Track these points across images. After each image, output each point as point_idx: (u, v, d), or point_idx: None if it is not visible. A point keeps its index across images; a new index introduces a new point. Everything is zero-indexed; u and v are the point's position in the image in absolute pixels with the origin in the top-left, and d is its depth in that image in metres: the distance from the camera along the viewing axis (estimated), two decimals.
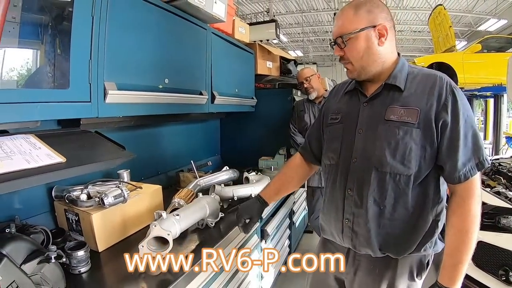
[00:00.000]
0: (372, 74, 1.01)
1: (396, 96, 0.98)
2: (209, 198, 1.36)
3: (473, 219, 0.91)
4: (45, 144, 0.92)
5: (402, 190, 0.96)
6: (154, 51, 1.37)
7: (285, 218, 2.41)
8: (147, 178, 1.83)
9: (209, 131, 2.64)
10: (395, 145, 0.94)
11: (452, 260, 0.93)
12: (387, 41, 0.97)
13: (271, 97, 2.58)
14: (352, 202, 1.02)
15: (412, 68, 1.02)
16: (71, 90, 1.01)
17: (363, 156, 1.00)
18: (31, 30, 1.00)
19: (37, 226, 0.99)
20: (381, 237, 0.99)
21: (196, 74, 1.71)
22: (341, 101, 1.14)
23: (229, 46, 2.10)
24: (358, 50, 0.97)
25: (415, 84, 0.98)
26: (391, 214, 0.98)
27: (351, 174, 1.02)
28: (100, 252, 1.15)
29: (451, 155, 0.91)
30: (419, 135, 0.93)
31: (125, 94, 1.20)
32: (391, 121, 0.96)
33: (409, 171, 0.94)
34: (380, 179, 0.97)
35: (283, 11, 8.18)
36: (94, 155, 0.94)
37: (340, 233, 1.07)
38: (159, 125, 1.94)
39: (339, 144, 1.07)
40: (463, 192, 0.93)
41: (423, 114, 0.93)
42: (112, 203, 1.16)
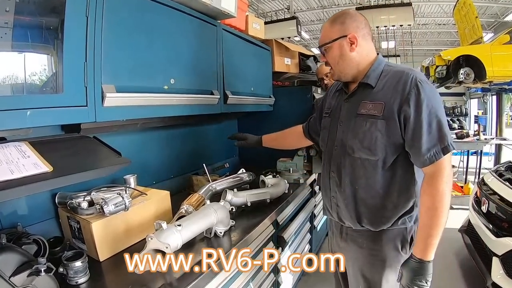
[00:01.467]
0: (350, 76, 1.19)
1: (368, 92, 1.14)
2: (217, 205, 1.27)
3: (442, 197, 1.02)
4: (35, 152, 0.87)
5: (371, 173, 1.13)
6: (158, 50, 1.30)
7: (305, 222, 2.28)
8: (159, 182, 1.78)
9: (226, 132, 2.54)
10: (363, 135, 1.11)
11: (424, 234, 1.05)
12: (358, 47, 1.13)
13: (289, 95, 2.45)
14: (335, 182, 1.23)
15: (388, 67, 1.15)
16: (65, 94, 0.96)
17: (341, 145, 1.20)
18: (25, 34, 0.96)
19: (32, 236, 0.96)
20: (358, 212, 1.18)
21: (206, 73, 1.62)
22: (332, 98, 1.35)
23: (243, 42, 2.00)
24: (334, 57, 1.17)
25: (385, 81, 1.11)
26: (363, 193, 1.15)
27: (333, 159, 1.24)
28: (101, 261, 1.11)
29: (414, 142, 1.04)
30: (383, 125, 1.07)
31: (126, 97, 1.14)
32: (361, 114, 1.13)
33: (375, 157, 1.10)
34: (352, 164, 1.16)
35: (304, 8, 7.97)
36: (86, 163, 0.89)
37: (330, 208, 1.29)
38: (171, 127, 1.88)
39: (327, 134, 1.30)
40: (432, 173, 1.04)
41: (387, 107, 1.07)
42: (113, 211, 1.11)
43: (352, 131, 1.15)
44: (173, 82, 1.37)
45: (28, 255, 0.88)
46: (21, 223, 1.13)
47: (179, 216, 1.29)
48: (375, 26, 5.91)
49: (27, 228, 1.14)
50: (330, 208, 1.29)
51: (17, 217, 1.13)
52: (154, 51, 1.28)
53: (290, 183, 2.10)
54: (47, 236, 1.15)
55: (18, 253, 0.85)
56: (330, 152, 1.26)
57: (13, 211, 1.12)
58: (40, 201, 1.19)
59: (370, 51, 1.18)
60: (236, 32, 1.91)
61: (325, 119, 1.34)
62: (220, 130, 2.47)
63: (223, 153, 2.53)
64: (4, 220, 1.09)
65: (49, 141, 0.98)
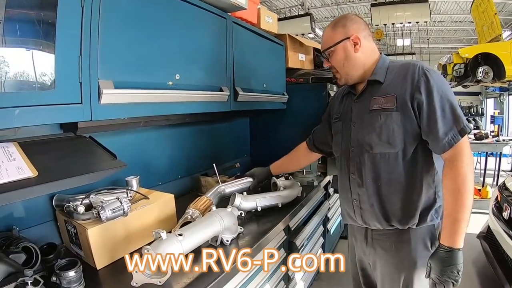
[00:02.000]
0: (357, 77, 1.20)
1: (378, 88, 1.15)
2: (223, 212, 1.18)
3: (464, 179, 1.00)
4: (23, 155, 0.80)
5: (393, 166, 1.12)
6: (162, 44, 1.21)
7: (319, 226, 2.16)
8: (165, 183, 1.71)
9: (237, 130, 2.46)
10: (379, 129, 1.11)
11: (450, 219, 1.01)
12: (362, 47, 1.15)
13: (304, 92, 2.32)
14: (356, 183, 1.20)
15: (393, 63, 1.18)
16: (56, 91, 0.88)
17: (357, 144, 1.19)
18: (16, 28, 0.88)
19: (22, 243, 0.89)
20: (384, 210, 1.15)
21: (214, 68, 1.52)
22: (340, 103, 1.35)
23: (255, 37, 1.89)
24: (339, 59, 1.18)
25: (393, 75, 1.13)
26: (387, 189, 1.13)
27: (351, 160, 1.22)
28: (99, 269, 1.03)
29: (431, 128, 1.04)
30: (398, 116, 1.08)
31: (125, 93, 1.06)
32: (375, 109, 1.13)
33: (395, 149, 1.10)
34: (372, 160, 1.15)
35: (318, 4, 7.75)
36: (75, 167, 0.81)
37: (353, 212, 1.25)
38: (179, 125, 1.80)
39: (340, 138, 1.29)
40: (452, 157, 1.03)
41: (399, 98, 1.08)
42: (110, 217, 1.03)
43: (368, 127, 1.14)
44: (178, 78, 1.28)
45: (15, 265, 0.82)
46: (18, 226, 1.07)
47: (183, 222, 1.20)
48: (391, 23, 5.74)
49: (24, 231, 1.09)
50: (353, 212, 1.24)
51: (14, 219, 1.07)
52: (157, 44, 1.19)
53: (304, 185, 1.99)
54: (44, 240, 1.10)
55: (4, 263, 0.79)
56: (347, 154, 1.24)
57: (9, 214, 1.06)
58: (38, 203, 1.13)
59: (374, 51, 1.20)
60: (248, 25, 1.80)
61: (336, 124, 1.33)
62: (231, 128, 2.38)
63: (234, 152, 2.44)
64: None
65: (41, 141, 0.91)
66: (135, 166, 1.51)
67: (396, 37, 9.65)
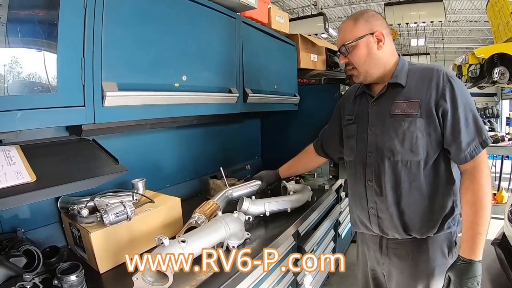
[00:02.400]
0: (376, 77, 1.12)
1: (399, 92, 1.09)
2: (229, 217, 1.14)
3: (485, 192, 0.99)
4: (23, 159, 0.79)
5: (414, 175, 1.07)
6: (168, 44, 1.18)
7: (329, 230, 2.10)
8: (173, 185, 1.69)
9: (248, 132, 2.43)
10: (403, 135, 1.06)
11: (471, 232, 0.98)
12: (385, 45, 1.09)
13: (315, 93, 2.26)
14: (373, 191, 1.15)
15: (412, 66, 1.13)
16: (58, 93, 0.87)
17: (376, 149, 1.13)
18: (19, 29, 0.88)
19: (24, 246, 0.88)
20: (403, 219, 1.11)
21: (223, 69, 1.49)
22: (353, 104, 1.27)
23: (265, 37, 1.85)
24: (360, 55, 1.10)
25: (415, 79, 1.08)
26: (407, 197, 1.09)
27: (368, 167, 1.15)
28: (101, 273, 1.02)
29: (455, 138, 1.01)
30: (422, 124, 1.04)
31: (129, 95, 1.04)
32: (397, 114, 1.08)
33: (418, 157, 1.06)
34: (393, 168, 1.09)
35: (331, 4, 7.62)
36: (75, 172, 0.79)
37: (368, 221, 1.19)
38: (187, 127, 1.78)
39: (355, 141, 1.21)
40: (472, 169, 1.02)
41: (424, 104, 1.04)
42: (113, 221, 1.02)
43: (389, 133, 1.09)
44: (185, 79, 1.25)
45: (15, 269, 0.81)
46: (24, 228, 1.07)
47: (188, 227, 1.17)
48: (405, 22, 5.61)
49: (30, 232, 1.09)
50: (369, 221, 1.19)
51: (19, 221, 1.07)
52: (163, 45, 1.16)
53: (314, 189, 1.93)
54: (49, 242, 1.10)
55: (4, 267, 0.78)
56: (363, 159, 1.17)
57: (15, 215, 1.07)
58: (43, 205, 1.13)
59: (394, 52, 1.15)
60: (258, 25, 1.76)
61: (350, 127, 1.25)
62: (241, 130, 2.34)
63: (245, 154, 2.41)
64: (5, 223, 1.04)
65: (43, 144, 0.90)
66: (142, 168, 1.51)
67: (410, 37, 9.44)
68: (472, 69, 4.97)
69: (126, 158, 1.41)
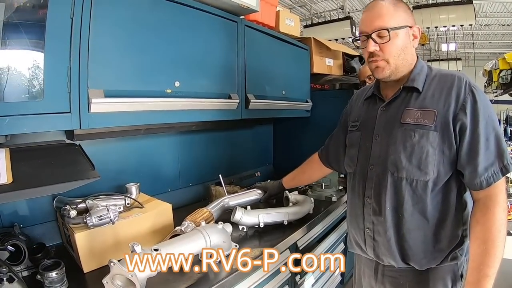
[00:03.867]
0: (401, 75, 0.99)
1: (414, 98, 0.97)
2: (212, 228, 1.12)
3: (499, 229, 0.85)
4: (8, 161, 0.85)
5: (420, 196, 0.94)
6: (159, 50, 1.19)
7: (338, 243, 1.99)
8: (174, 190, 1.71)
9: (259, 138, 2.39)
10: (411, 149, 0.93)
11: (477, 274, 0.85)
12: (415, 43, 0.98)
13: (329, 99, 2.17)
14: (371, 210, 1.02)
15: (431, 70, 1.00)
16: (45, 100, 0.91)
17: (379, 162, 1.00)
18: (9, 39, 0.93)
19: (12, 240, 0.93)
20: (402, 246, 0.98)
21: (221, 75, 1.48)
22: (361, 108, 1.14)
23: (272, 40, 1.81)
24: (398, 46, 0.95)
25: (433, 85, 0.96)
26: (410, 222, 0.96)
27: (368, 181, 1.03)
28: (85, 272, 1.05)
29: (471, 159, 0.88)
30: (436, 138, 0.91)
31: (116, 102, 1.06)
32: (407, 124, 0.95)
33: (426, 176, 0.92)
34: (396, 185, 0.96)
35: (359, 7, 7.33)
36: (49, 176, 0.82)
37: (363, 243, 1.07)
38: (191, 132, 1.79)
39: (357, 151, 1.09)
40: (487, 199, 0.88)
41: (440, 116, 0.91)
42: (96, 224, 1.04)
43: (395, 144, 0.96)
44: (178, 85, 1.26)
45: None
46: (23, 224, 1.14)
47: (172, 235, 1.17)
48: (434, 26, 5.29)
49: (28, 228, 1.16)
50: (364, 242, 1.08)
51: (18, 217, 1.14)
52: (154, 52, 1.18)
53: (322, 200, 1.86)
54: (46, 239, 1.18)
55: None
56: (363, 172, 1.05)
57: (14, 211, 1.14)
58: (42, 203, 1.19)
59: (414, 53, 1.02)
60: (263, 29, 1.72)
61: (353, 134, 1.13)
62: (251, 136, 2.32)
63: (255, 160, 2.37)
64: (4, 219, 1.11)
65: (32, 148, 0.95)
66: (141, 172, 1.54)
67: (440, 41, 8.93)
68: (503, 74, 4.69)
69: (124, 162, 1.47)
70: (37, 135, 1.12)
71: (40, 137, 1.12)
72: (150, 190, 1.49)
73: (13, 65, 0.89)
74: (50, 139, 1.14)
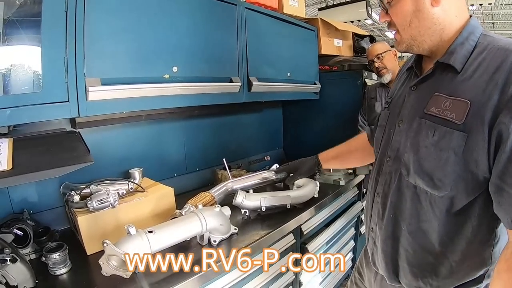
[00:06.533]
0: (428, 46, 0.76)
1: (448, 80, 0.71)
2: (208, 211, 1.14)
3: None
4: (10, 150, 0.89)
5: (428, 213, 0.74)
6: (155, 36, 1.20)
7: (348, 228, 1.97)
8: (181, 175, 1.75)
9: (268, 122, 2.37)
10: (426, 152, 0.71)
11: None
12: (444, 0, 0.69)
13: (337, 81, 2.10)
14: (377, 210, 0.87)
15: (487, 39, 0.70)
16: (43, 91, 0.95)
17: (395, 156, 0.81)
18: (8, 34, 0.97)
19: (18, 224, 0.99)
20: (396, 262, 0.84)
21: (222, 58, 1.47)
22: (399, 81, 0.93)
23: (276, 22, 1.76)
24: (404, 13, 0.74)
25: (478, 63, 0.67)
26: (411, 240, 0.78)
27: (382, 175, 0.86)
28: (89, 254, 1.11)
29: (506, 184, 0.61)
30: (463, 141, 0.65)
31: (113, 89, 1.09)
32: (430, 115, 0.72)
33: (440, 191, 0.70)
34: (403, 191, 0.78)
35: None
36: (46, 162, 0.86)
37: (367, 241, 0.97)
38: (197, 117, 1.80)
39: (381, 135, 0.90)
40: None
41: (474, 109, 0.64)
42: (97, 207, 1.09)
43: (411, 141, 0.75)
44: (176, 70, 1.27)
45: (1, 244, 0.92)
46: (32, 210, 1.22)
47: (171, 218, 1.20)
48: None
49: (37, 214, 1.23)
50: (367, 241, 0.98)
51: (28, 203, 1.21)
52: (149, 38, 1.18)
53: (329, 183, 1.83)
54: (55, 224, 1.24)
55: None
56: (381, 163, 0.87)
57: (24, 198, 1.21)
58: (51, 190, 1.26)
59: (462, 10, 0.73)
60: (265, 10, 1.68)
61: (384, 113, 0.93)
62: (261, 119, 2.31)
63: (265, 144, 2.37)
64: (15, 205, 1.18)
65: (33, 137, 1.00)
66: (146, 157, 1.58)
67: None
68: None
69: (130, 148, 1.52)
70: (44, 124, 1.18)
71: (46, 126, 1.18)
72: (157, 175, 1.53)
73: (12, 60, 0.93)
74: (56, 128, 1.20)
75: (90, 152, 0.97)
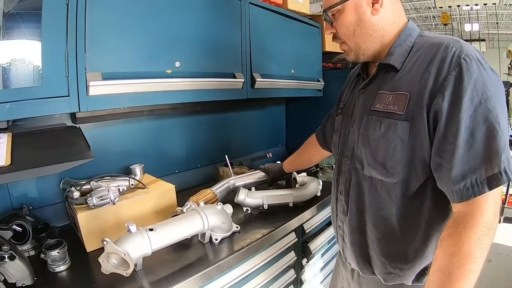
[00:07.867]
0: (372, 53, 0.83)
1: (389, 78, 0.79)
2: (210, 209, 1.12)
3: (465, 261, 0.62)
4: (8, 145, 0.88)
5: (386, 201, 0.80)
6: (158, 30, 1.17)
7: None
8: (182, 171, 1.73)
9: (271, 118, 2.35)
10: (376, 144, 0.79)
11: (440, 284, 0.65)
12: (383, 8, 0.78)
13: (341, 78, 2.05)
14: (341, 208, 0.93)
15: (422, 38, 0.78)
16: (44, 86, 0.93)
17: (351, 155, 0.89)
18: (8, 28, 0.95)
19: (17, 221, 0.98)
20: (365, 254, 0.88)
21: (225, 54, 1.44)
22: (349, 87, 1.01)
23: (280, 19, 1.73)
24: (347, 24, 0.81)
25: (415, 60, 0.75)
26: (374, 229, 0.84)
27: (342, 174, 0.93)
28: (88, 252, 1.10)
29: (442, 158, 0.68)
30: (407, 129, 0.73)
31: (114, 84, 1.06)
32: (375, 111, 0.80)
33: (393, 178, 0.77)
34: (359, 185, 0.85)
35: None
36: (46, 158, 0.85)
37: (337, 240, 1.01)
38: (198, 113, 1.78)
39: (338, 138, 0.98)
40: (460, 217, 0.66)
41: (413, 99, 0.72)
42: (97, 204, 1.08)
43: (362, 136, 0.83)
44: (178, 66, 1.24)
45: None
46: (32, 206, 1.20)
47: (172, 216, 1.19)
48: (456, 4, 4.88)
49: (37, 210, 1.22)
50: (337, 240, 1.02)
51: (27, 199, 1.20)
52: (152, 33, 1.15)
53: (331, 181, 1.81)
54: (55, 220, 1.23)
55: None
56: (340, 163, 0.94)
57: (23, 194, 1.20)
58: (50, 185, 1.25)
59: (400, 16, 0.82)
60: (270, 6, 1.64)
61: (338, 117, 1.00)
62: (264, 116, 2.28)
63: (267, 141, 2.35)
64: (14, 201, 1.17)
65: (33, 132, 0.98)
66: (148, 153, 1.56)
67: (464, 21, 8.48)
68: None
69: (132, 144, 1.50)
70: (44, 119, 1.16)
71: (46, 121, 1.16)
72: (158, 171, 1.52)
73: (12, 54, 0.92)
74: (56, 123, 1.18)
75: (90, 147, 0.95)
